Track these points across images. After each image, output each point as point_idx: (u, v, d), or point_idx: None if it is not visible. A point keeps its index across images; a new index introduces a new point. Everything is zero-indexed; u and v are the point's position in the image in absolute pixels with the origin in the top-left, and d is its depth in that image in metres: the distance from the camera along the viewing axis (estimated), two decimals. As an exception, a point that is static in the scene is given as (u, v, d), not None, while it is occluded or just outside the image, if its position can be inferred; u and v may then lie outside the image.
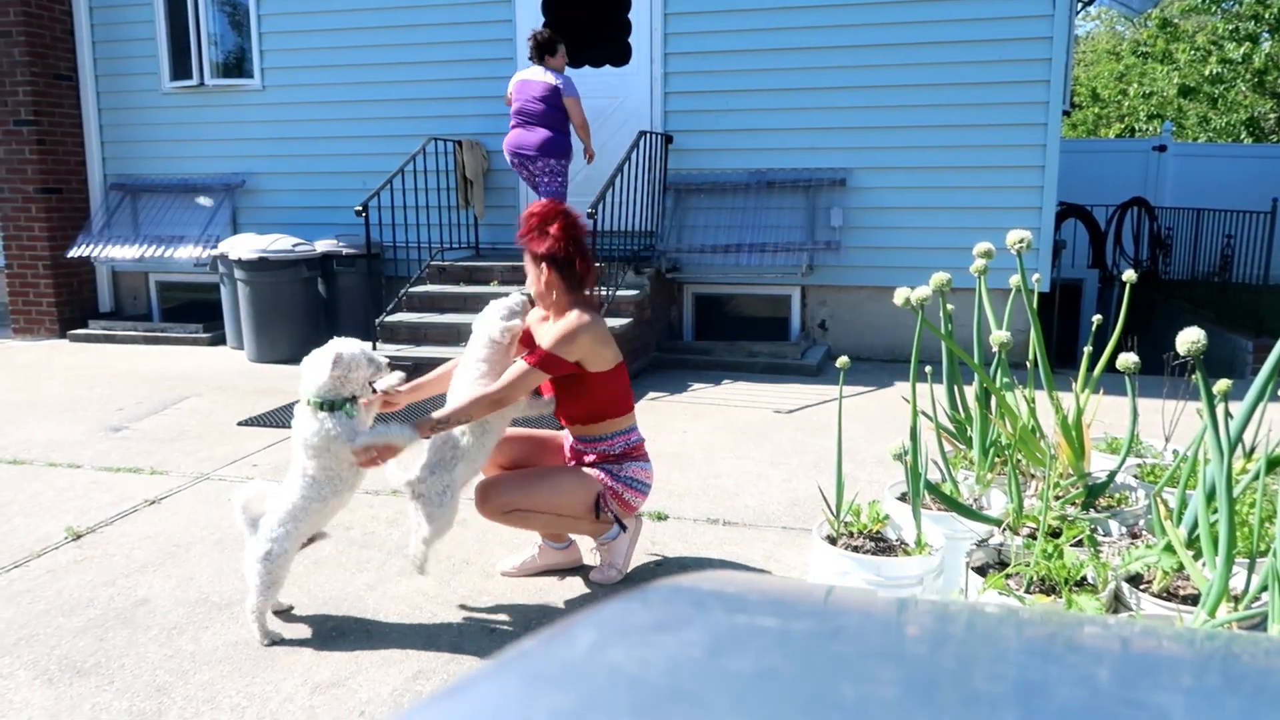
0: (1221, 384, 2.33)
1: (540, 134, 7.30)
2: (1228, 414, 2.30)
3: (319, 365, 3.11)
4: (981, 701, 0.66)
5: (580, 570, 3.75)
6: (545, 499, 3.42)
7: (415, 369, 6.93)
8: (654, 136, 8.01)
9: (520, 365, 3.29)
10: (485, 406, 3.24)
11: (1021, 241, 3.01)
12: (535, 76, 7.34)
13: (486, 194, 8.74)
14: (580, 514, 3.46)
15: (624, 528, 3.59)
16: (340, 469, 3.14)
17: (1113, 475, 3.06)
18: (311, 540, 3.35)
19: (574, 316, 3.36)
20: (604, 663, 0.71)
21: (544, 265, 3.41)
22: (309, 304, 8.26)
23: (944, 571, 2.78)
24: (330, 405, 3.09)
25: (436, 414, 3.19)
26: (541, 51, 7.34)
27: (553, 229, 3.41)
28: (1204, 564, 2.29)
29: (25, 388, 7.03)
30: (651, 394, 6.75)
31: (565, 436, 3.72)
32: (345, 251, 8.35)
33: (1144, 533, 2.82)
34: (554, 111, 7.29)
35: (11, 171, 9.16)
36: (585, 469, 3.53)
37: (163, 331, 9.04)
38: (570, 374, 3.39)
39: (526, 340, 3.53)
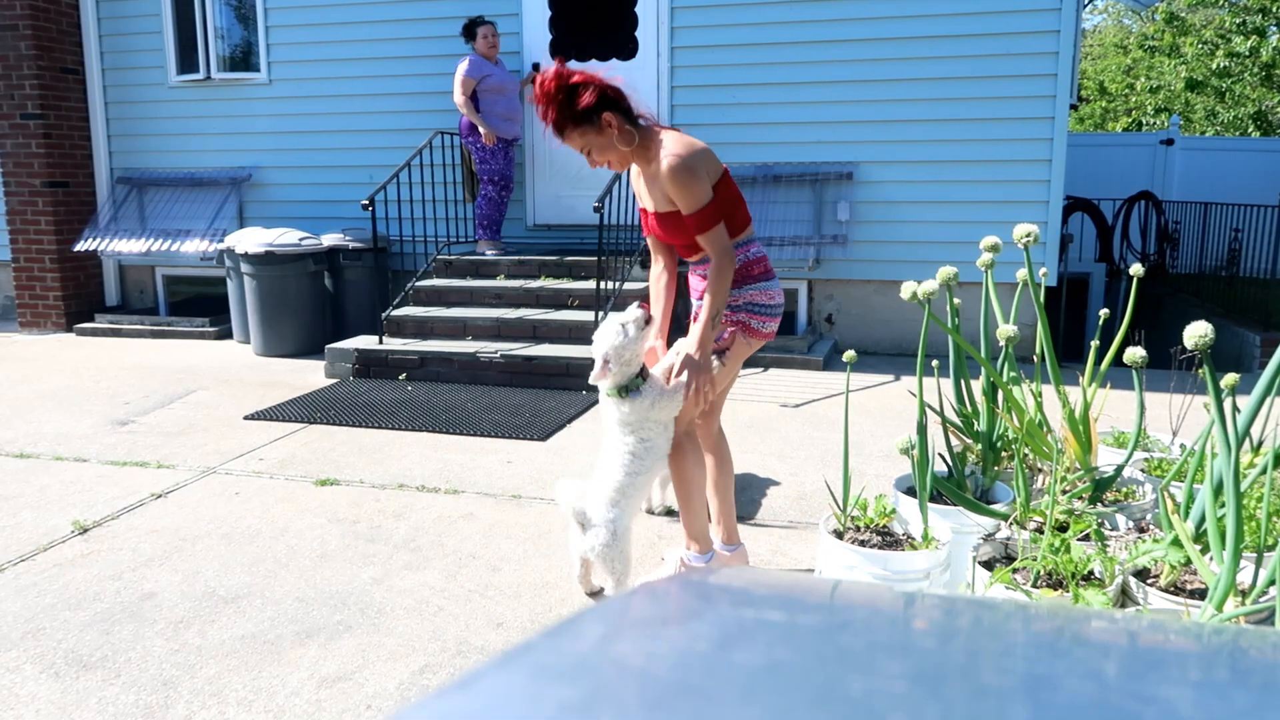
0: (1229, 378, 2.33)
1: (461, 117, 7.93)
2: (1235, 408, 2.29)
3: (598, 367, 3.26)
4: (989, 695, 0.66)
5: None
6: (721, 379, 3.35)
7: (421, 363, 6.95)
8: (660, 130, 7.99)
9: (705, 236, 3.16)
10: (722, 278, 3.17)
11: (1028, 235, 3.00)
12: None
13: (492, 188, 8.74)
14: (733, 370, 3.42)
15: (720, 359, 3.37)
16: (656, 437, 3.30)
17: (1120, 469, 3.05)
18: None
19: (668, 153, 3.14)
20: (611, 656, 0.71)
21: (604, 118, 3.17)
22: (315, 298, 8.27)
23: (951, 566, 2.77)
24: (626, 390, 3.26)
25: (700, 321, 3.21)
26: (465, 38, 7.89)
27: (574, 80, 3.16)
28: (1211, 558, 2.29)
29: (32, 381, 7.05)
30: (657, 388, 6.74)
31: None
32: (352, 245, 8.36)
33: (1151, 527, 2.82)
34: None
35: (18, 165, 9.17)
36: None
37: (169, 325, 9.05)
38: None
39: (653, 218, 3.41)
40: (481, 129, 7.79)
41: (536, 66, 8.45)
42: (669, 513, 4.31)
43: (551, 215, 8.74)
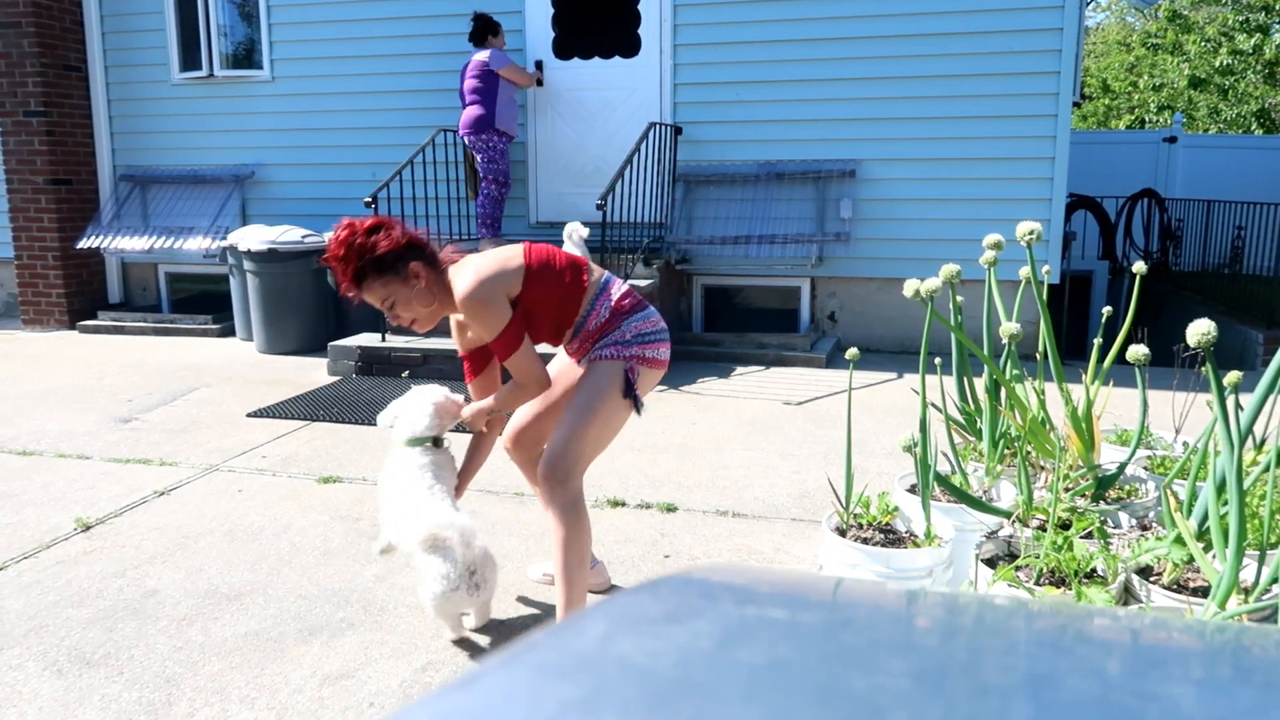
0: (1232, 376, 2.32)
1: (472, 112, 7.75)
2: (1238, 406, 2.29)
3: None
4: (991, 693, 0.65)
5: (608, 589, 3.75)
6: (596, 434, 3.03)
7: (424, 360, 6.95)
8: (663, 128, 8.00)
9: (510, 361, 2.99)
10: (515, 396, 3.11)
11: (1031, 233, 3.00)
12: (475, 58, 7.75)
13: (495, 185, 8.74)
14: (625, 413, 3.10)
15: (637, 408, 3.10)
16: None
17: (1123, 467, 3.05)
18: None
19: (457, 292, 2.94)
20: (613, 654, 0.71)
21: (411, 268, 2.96)
22: (318, 295, 8.27)
23: (953, 563, 2.77)
24: (438, 441, 3.40)
25: (481, 405, 3.24)
26: (485, 33, 7.78)
27: (374, 223, 2.97)
28: (1214, 556, 2.28)
29: (35, 379, 7.05)
30: (660, 385, 6.75)
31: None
32: (354, 243, 8.35)
33: (1154, 525, 2.82)
34: (486, 88, 7.70)
35: (21, 163, 9.18)
36: (596, 361, 3.08)
37: (172, 323, 9.06)
38: (521, 313, 3.00)
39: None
40: (533, 79, 7.88)
41: (540, 65, 8.45)
42: (669, 509, 4.31)
43: (554, 213, 8.74)
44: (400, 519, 3.10)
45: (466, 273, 2.95)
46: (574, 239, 6.46)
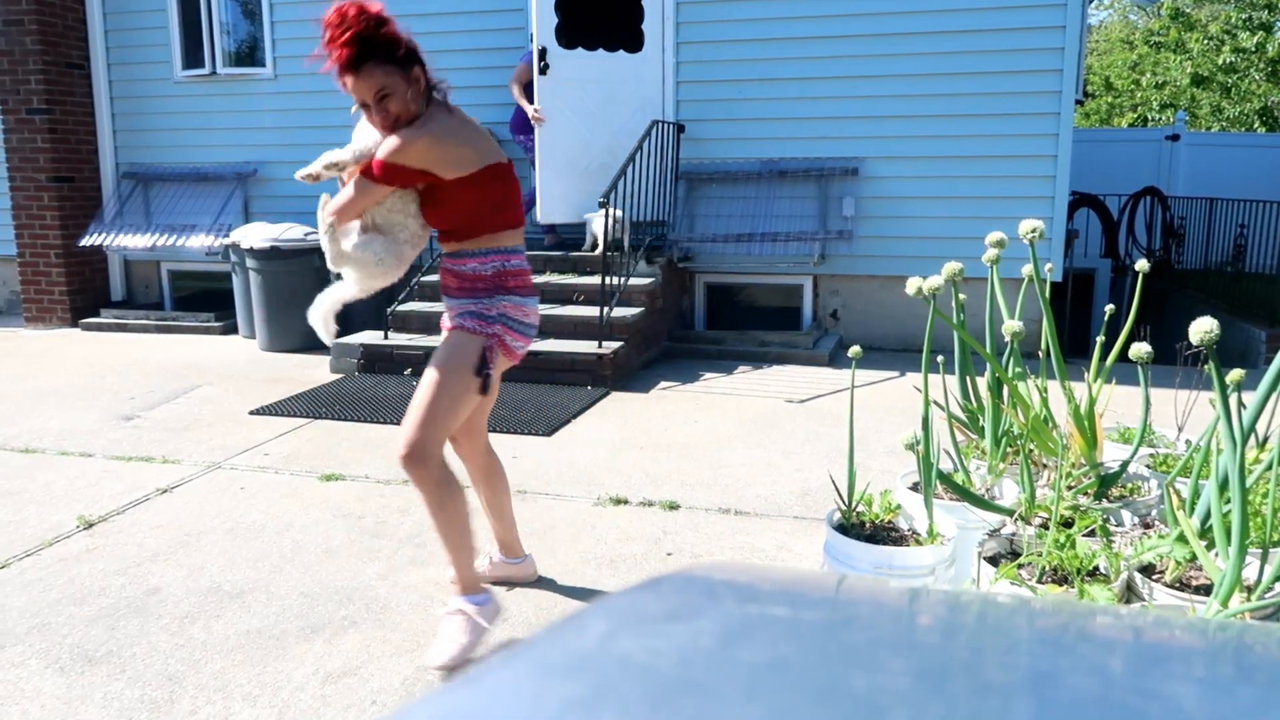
0: (1235, 374, 2.32)
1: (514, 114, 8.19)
2: (1241, 404, 2.29)
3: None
4: (993, 691, 0.65)
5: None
6: (447, 410, 2.92)
7: (427, 358, 6.94)
8: (666, 125, 8.00)
9: (356, 178, 2.90)
10: (338, 210, 2.96)
11: (1034, 231, 2.99)
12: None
13: (497, 183, 8.74)
14: (476, 389, 2.98)
15: (484, 388, 2.99)
16: None
17: (1125, 465, 3.05)
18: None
19: (444, 118, 2.90)
20: (615, 653, 0.71)
21: (414, 71, 2.88)
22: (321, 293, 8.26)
23: (956, 561, 2.77)
24: None
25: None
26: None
27: (388, 24, 2.84)
28: (1217, 554, 2.28)
29: (37, 376, 7.06)
30: (663, 383, 6.75)
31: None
32: (356, 241, 8.36)
33: (1157, 523, 2.81)
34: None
35: (24, 160, 9.18)
36: (456, 331, 2.99)
37: (174, 320, 9.06)
38: (429, 183, 2.90)
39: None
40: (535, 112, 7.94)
41: (544, 52, 8.42)
42: (671, 507, 4.31)
43: (558, 212, 8.72)
44: None
45: (459, 116, 2.95)
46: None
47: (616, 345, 6.69)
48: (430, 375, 2.96)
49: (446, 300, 3.11)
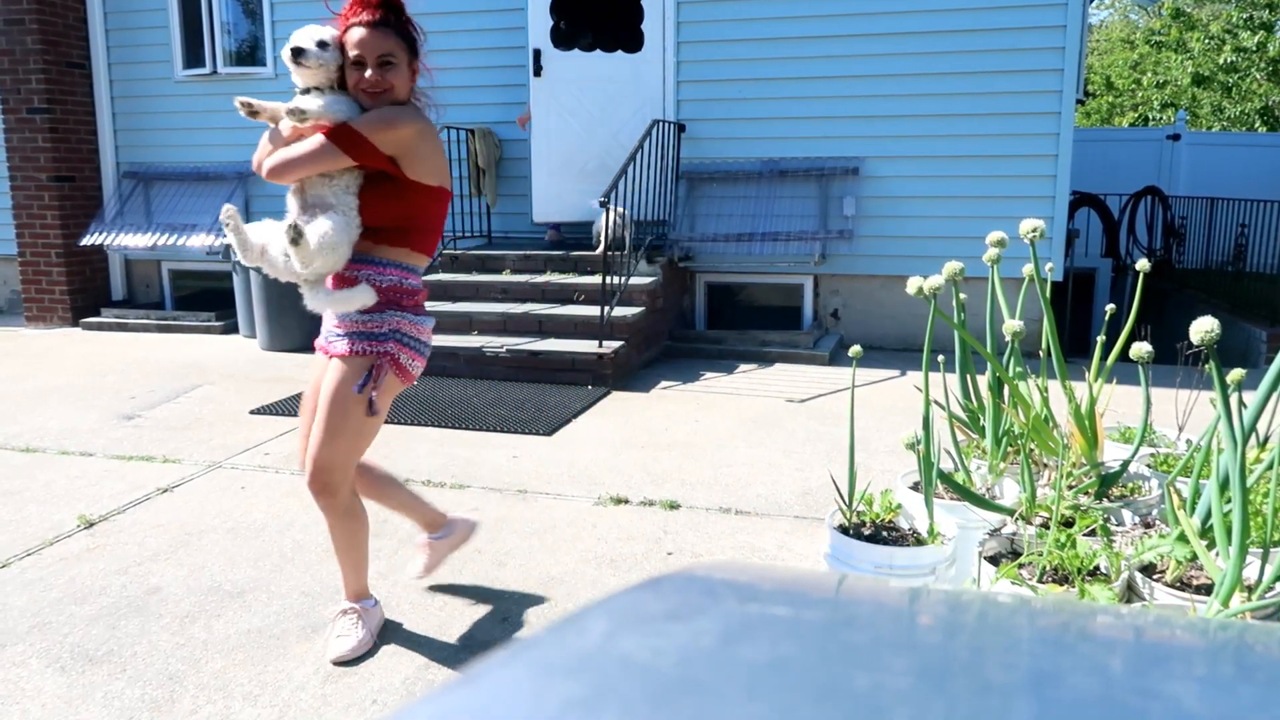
0: (1235, 373, 2.32)
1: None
2: (1241, 403, 2.29)
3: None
4: (994, 691, 0.65)
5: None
6: (352, 438, 2.88)
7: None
8: (666, 125, 7.99)
9: (317, 137, 2.78)
10: (280, 164, 2.83)
11: (1035, 231, 2.99)
12: None
13: (499, 182, 8.74)
14: (382, 415, 2.93)
15: (371, 409, 2.87)
16: None
17: (1126, 465, 3.05)
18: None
19: (416, 110, 2.92)
20: (616, 652, 0.71)
21: (416, 64, 2.98)
22: (321, 293, 8.26)
23: (957, 561, 2.77)
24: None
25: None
26: None
27: (408, 14, 2.93)
28: (1217, 554, 2.28)
29: (38, 376, 7.06)
30: (664, 383, 6.75)
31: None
32: (357, 240, 8.37)
33: (1157, 522, 2.82)
34: None
35: (24, 160, 9.18)
36: (347, 358, 2.86)
37: (175, 320, 9.07)
38: (382, 171, 2.84)
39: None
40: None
41: (538, 54, 8.43)
42: (672, 507, 4.31)
43: (556, 211, 8.73)
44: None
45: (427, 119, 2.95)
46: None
47: (617, 345, 6.69)
48: (329, 408, 2.85)
49: (326, 315, 2.98)
